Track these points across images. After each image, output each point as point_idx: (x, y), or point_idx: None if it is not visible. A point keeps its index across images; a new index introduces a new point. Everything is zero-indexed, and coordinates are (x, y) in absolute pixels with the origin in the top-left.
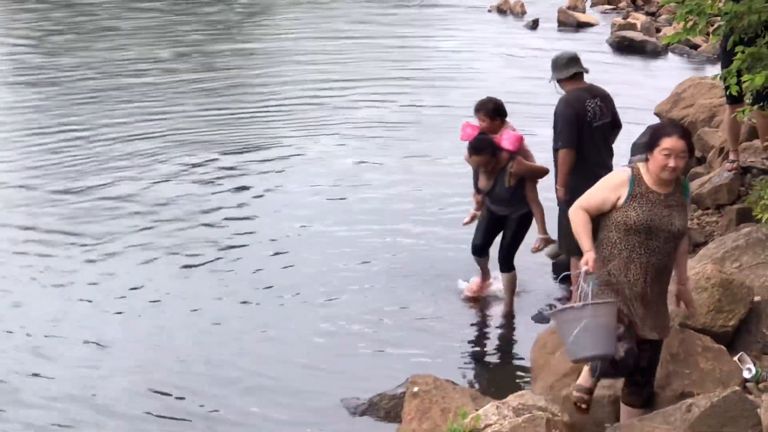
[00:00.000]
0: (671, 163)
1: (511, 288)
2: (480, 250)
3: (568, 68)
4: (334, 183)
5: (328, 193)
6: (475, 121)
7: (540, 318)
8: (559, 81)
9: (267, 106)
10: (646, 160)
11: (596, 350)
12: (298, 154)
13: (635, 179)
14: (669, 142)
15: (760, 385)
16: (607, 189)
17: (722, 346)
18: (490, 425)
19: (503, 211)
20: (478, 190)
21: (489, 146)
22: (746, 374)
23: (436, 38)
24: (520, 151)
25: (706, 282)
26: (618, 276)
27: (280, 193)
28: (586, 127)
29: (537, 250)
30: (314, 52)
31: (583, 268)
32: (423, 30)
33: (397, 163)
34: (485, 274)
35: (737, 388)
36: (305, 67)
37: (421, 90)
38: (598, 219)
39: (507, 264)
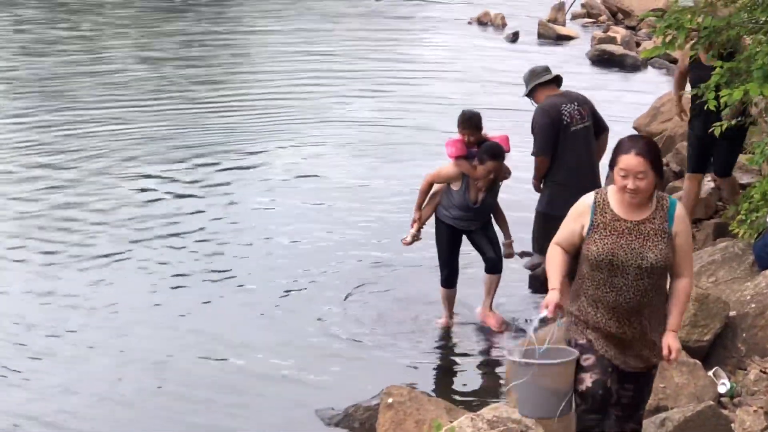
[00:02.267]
0: (629, 184)
1: (495, 290)
2: (454, 279)
3: (544, 74)
4: (310, 191)
5: (305, 202)
6: (454, 136)
7: (516, 329)
8: (534, 90)
9: (238, 112)
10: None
11: (534, 412)
12: (267, 163)
13: (597, 206)
14: (624, 161)
15: (735, 400)
16: (571, 218)
17: (697, 361)
18: None
19: (473, 225)
20: (466, 206)
21: (503, 151)
22: (721, 389)
23: (415, 50)
24: None
25: None
26: (586, 315)
27: (256, 202)
28: (564, 132)
29: (509, 256)
30: (290, 70)
31: (541, 314)
32: (403, 42)
33: (373, 172)
34: (451, 310)
35: (712, 402)
36: (278, 80)
37: (399, 103)
38: None
39: (500, 265)
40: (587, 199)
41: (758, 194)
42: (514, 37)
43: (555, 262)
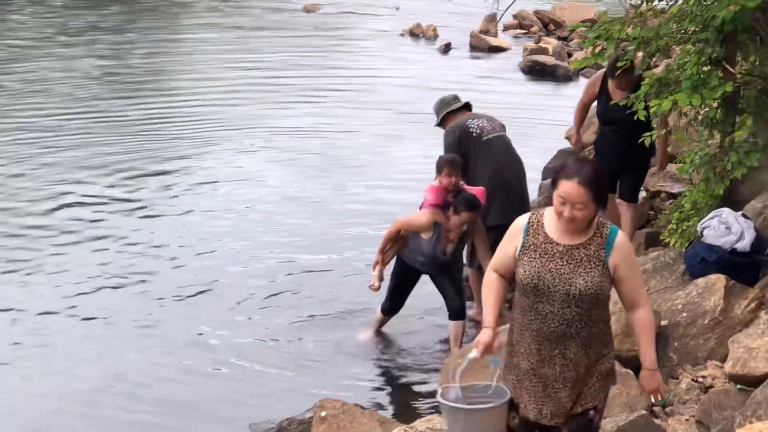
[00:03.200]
0: (566, 212)
1: (461, 339)
2: (395, 311)
3: (454, 102)
4: (247, 200)
5: (241, 211)
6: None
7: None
8: (444, 119)
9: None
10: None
11: None
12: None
13: (530, 227)
14: (564, 188)
15: (667, 409)
16: (506, 240)
17: (629, 371)
18: None
19: (438, 271)
20: (435, 255)
21: (479, 204)
22: (653, 398)
23: (349, 59)
24: None
25: (614, 306)
26: (516, 345)
27: (190, 212)
28: (475, 144)
29: None
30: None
31: (471, 354)
32: (336, 51)
33: (305, 183)
34: (379, 329)
35: (644, 412)
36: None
37: (332, 111)
38: None
39: (464, 312)
40: (522, 220)
41: (689, 203)
42: (447, 48)
43: (490, 292)
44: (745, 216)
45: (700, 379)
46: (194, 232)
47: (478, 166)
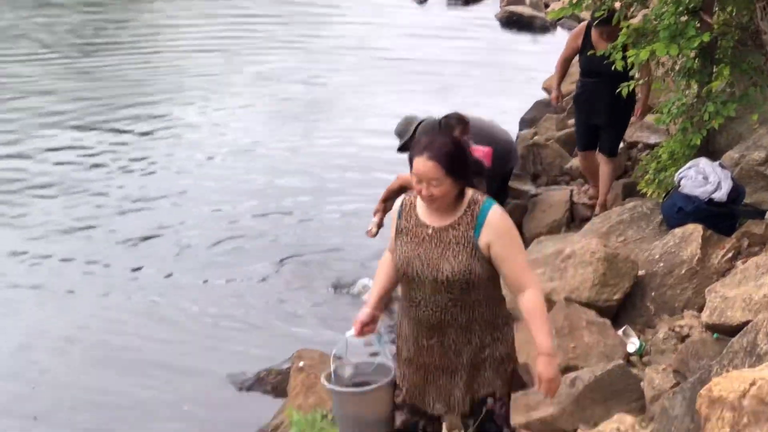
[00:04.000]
0: (423, 190)
1: None
2: None
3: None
4: (223, 156)
5: (220, 167)
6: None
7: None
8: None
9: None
10: None
11: None
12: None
13: (403, 210)
14: (416, 165)
15: (644, 359)
16: (391, 221)
17: (607, 320)
18: None
19: None
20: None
21: (482, 167)
22: (630, 348)
23: (324, 9)
24: None
25: (591, 256)
26: (400, 331)
27: (163, 168)
28: None
29: None
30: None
31: (348, 333)
32: (312, 2)
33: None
34: None
35: (621, 361)
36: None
37: (309, 58)
38: None
39: None
40: (398, 201)
41: (666, 154)
42: (423, 0)
43: (379, 272)
44: (722, 166)
45: (677, 329)
46: (166, 179)
47: None
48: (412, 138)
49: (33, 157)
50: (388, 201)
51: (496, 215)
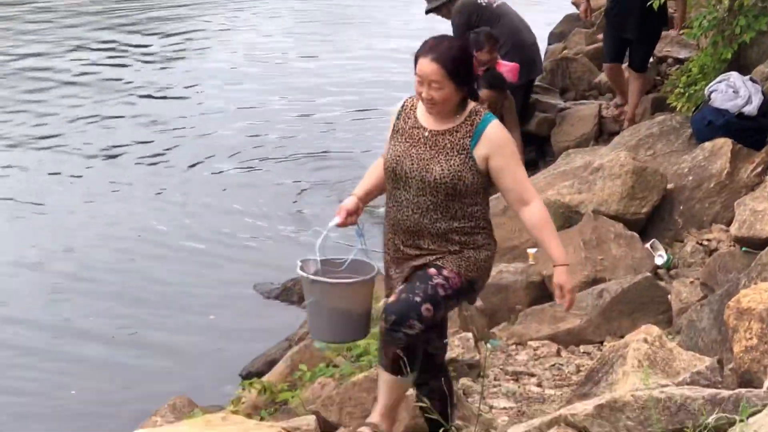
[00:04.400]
0: (424, 92)
1: None
2: None
3: None
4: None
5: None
6: None
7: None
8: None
9: None
10: None
11: (329, 336)
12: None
13: (402, 111)
14: (420, 65)
15: (672, 272)
16: (390, 124)
17: (635, 233)
18: None
19: None
20: None
21: (503, 82)
22: (658, 261)
23: None
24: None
25: (620, 169)
26: (384, 234)
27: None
28: (486, 13)
29: None
30: None
31: (332, 222)
32: None
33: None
34: None
35: (648, 274)
36: None
37: None
38: None
39: None
40: (398, 103)
41: (696, 68)
42: None
43: (370, 170)
44: (752, 80)
45: (705, 243)
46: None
47: (499, 32)
48: (443, 5)
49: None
50: None
51: (495, 128)
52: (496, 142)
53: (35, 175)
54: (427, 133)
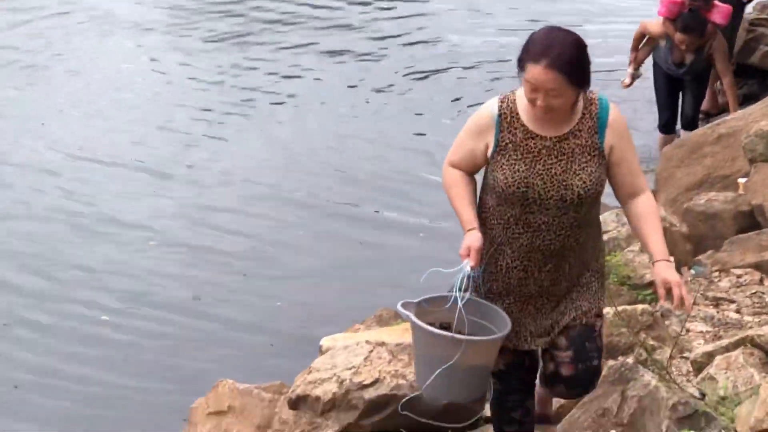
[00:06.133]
0: (539, 101)
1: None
2: (672, 125)
3: None
4: None
5: None
6: None
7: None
8: None
9: None
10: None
11: (462, 396)
12: None
13: (502, 120)
14: (533, 73)
15: None
16: (472, 133)
17: None
18: None
19: (685, 77)
20: (670, 62)
21: (697, 25)
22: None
23: None
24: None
25: None
26: (486, 261)
27: None
28: None
29: None
30: None
31: (466, 266)
32: None
33: None
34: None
35: None
36: None
37: None
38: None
39: (694, 122)
40: (490, 108)
41: None
42: None
43: (461, 189)
44: None
45: None
46: None
47: None
48: None
49: None
50: (639, 51)
51: (616, 113)
52: (620, 130)
53: None
54: (548, 143)
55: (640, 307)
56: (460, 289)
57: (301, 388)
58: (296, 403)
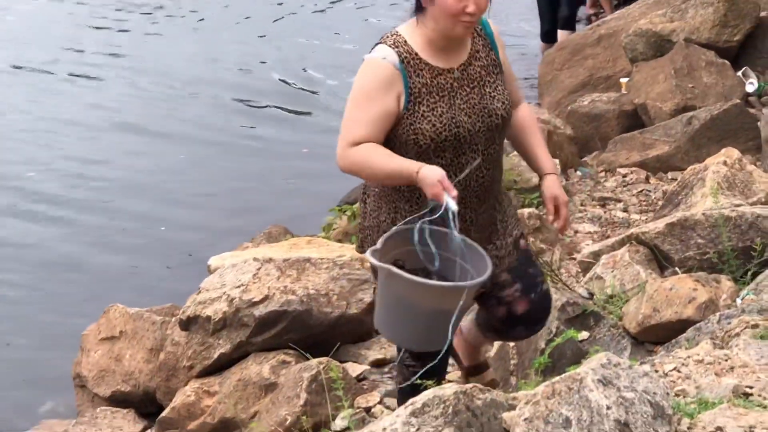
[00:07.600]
0: (470, 6)
1: None
2: (553, 34)
3: None
4: None
5: None
6: None
7: None
8: None
9: None
10: (418, 9)
11: (420, 343)
12: None
13: (406, 63)
14: None
15: (762, 99)
16: (379, 91)
17: (726, 61)
18: None
19: None
20: None
21: None
22: (749, 88)
23: None
24: None
25: None
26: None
27: None
28: None
29: None
30: None
31: (449, 201)
32: None
33: None
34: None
35: (738, 101)
36: None
37: None
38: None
39: (571, 22)
40: (386, 56)
41: None
42: None
43: (378, 149)
44: None
45: None
46: None
47: None
48: None
49: None
50: None
51: (493, 24)
52: (501, 41)
53: None
54: (456, 74)
55: (527, 210)
56: (454, 228)
57: (192, 309)
58: (187, 324)
